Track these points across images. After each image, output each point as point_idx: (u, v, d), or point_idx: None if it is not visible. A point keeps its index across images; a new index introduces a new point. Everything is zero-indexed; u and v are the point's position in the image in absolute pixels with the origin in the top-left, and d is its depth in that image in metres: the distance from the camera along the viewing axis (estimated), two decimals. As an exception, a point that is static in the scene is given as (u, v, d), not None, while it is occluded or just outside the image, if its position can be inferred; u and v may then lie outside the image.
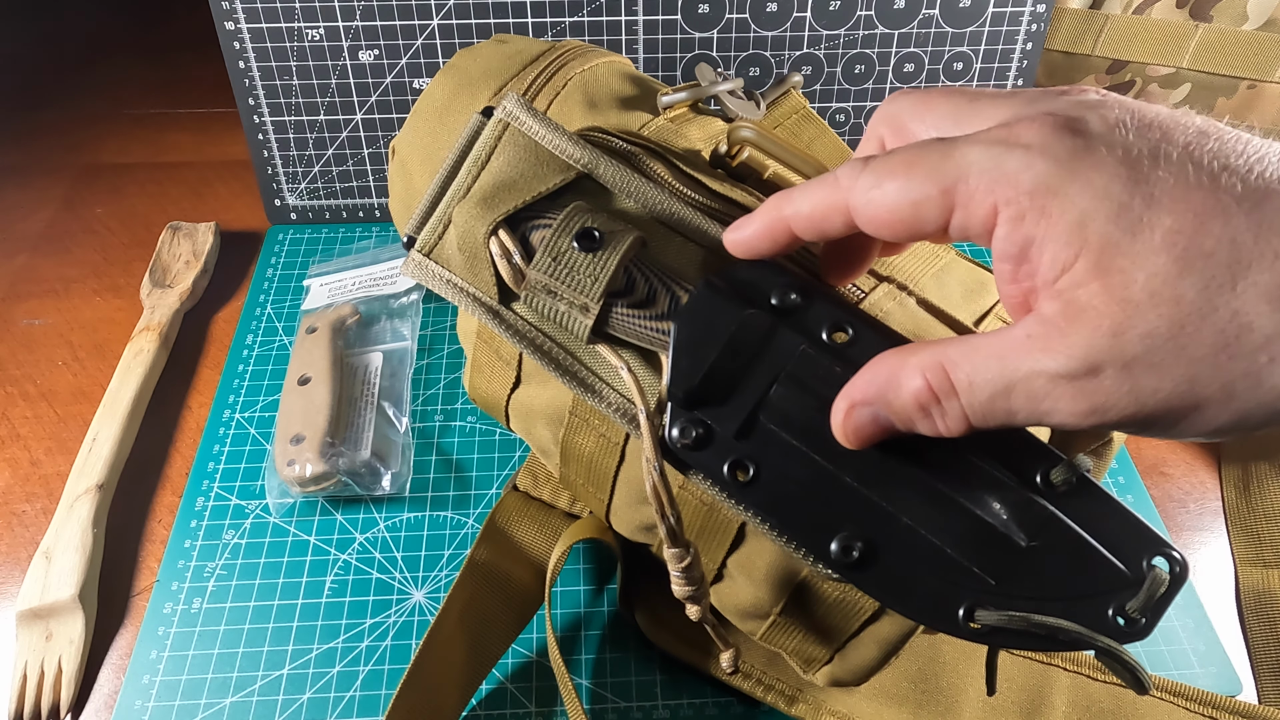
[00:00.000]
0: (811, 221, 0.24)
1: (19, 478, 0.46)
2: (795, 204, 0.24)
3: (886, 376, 0.22)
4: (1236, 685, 0.39)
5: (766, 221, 0.25)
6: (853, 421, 0.23)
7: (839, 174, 0.23)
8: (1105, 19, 0.59)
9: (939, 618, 0.24)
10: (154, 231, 0.59)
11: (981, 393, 0.20)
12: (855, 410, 0.23)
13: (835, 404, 0.24)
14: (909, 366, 0.22)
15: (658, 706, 0.38)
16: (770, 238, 0.25)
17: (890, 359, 0.23)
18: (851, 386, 0.23)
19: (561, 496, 0.41)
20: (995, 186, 0.20)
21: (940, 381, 0.21)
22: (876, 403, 0.23)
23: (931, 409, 0.21)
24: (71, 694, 0.38)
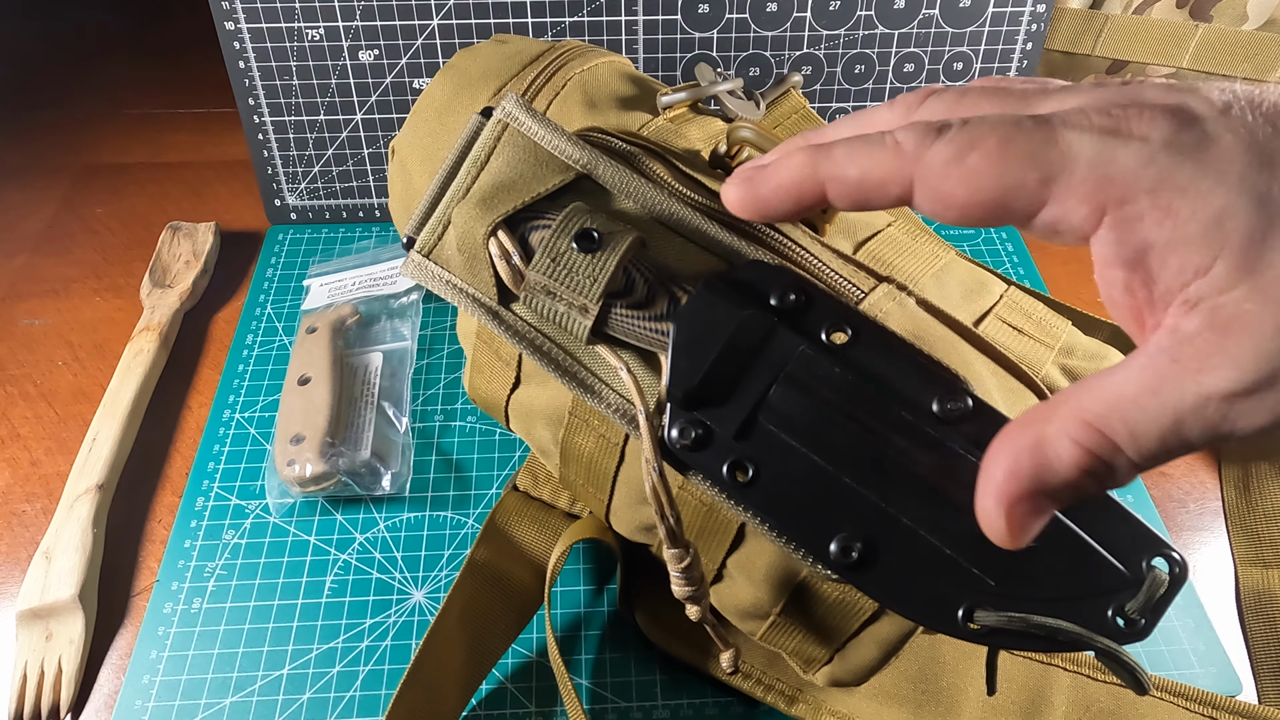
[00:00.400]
0: (859, 190, 0.21)
1: (19, 478, 0.46)
2: (839, 165, 0.21)
3: (1031, 459, 0.19)
4: (1236, 685, 0.39)
5: (794, 178, 0.21)
6: (1017, 520, 0.19)
7: (900, 138, 0.20)
8: (1105, 19, 0.59)
9: (938, 618, 0.24)
10: (154, 231, 0.59)
11: (1149, 438, 0.18)
12: (1015, 508, 0.19)
13: (983, 507, 0.20)
14: (1051, 439, 0.19)
15: (658, 706, 0.38)
16: (795, 199, 0.22)
17: (1017, 437, 0.19)
18: (994, 486, 0.19)
19: (561, 496, 0.41)
20: (1106, 185, 0.18)
21: (1097, 442, 0.18)
22: (1034, 491, 0.19)
23: (1098, 472, 0.18)
24: (71, 694, 0.38)
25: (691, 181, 0.32)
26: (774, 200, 0.22)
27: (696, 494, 0.30)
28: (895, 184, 0.20)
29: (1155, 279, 0.18)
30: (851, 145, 0.21)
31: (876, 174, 0.20)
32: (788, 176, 0.21)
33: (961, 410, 0.24)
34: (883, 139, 0.20)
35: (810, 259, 0.30)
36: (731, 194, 0.23)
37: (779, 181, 0.22)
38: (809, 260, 0.30)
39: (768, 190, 0.22)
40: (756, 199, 0.22)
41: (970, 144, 0.19)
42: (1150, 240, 0.18)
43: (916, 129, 0.20)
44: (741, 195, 0.23)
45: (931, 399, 0.25)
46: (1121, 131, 0.18)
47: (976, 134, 0.19)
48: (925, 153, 0.19)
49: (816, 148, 0.21)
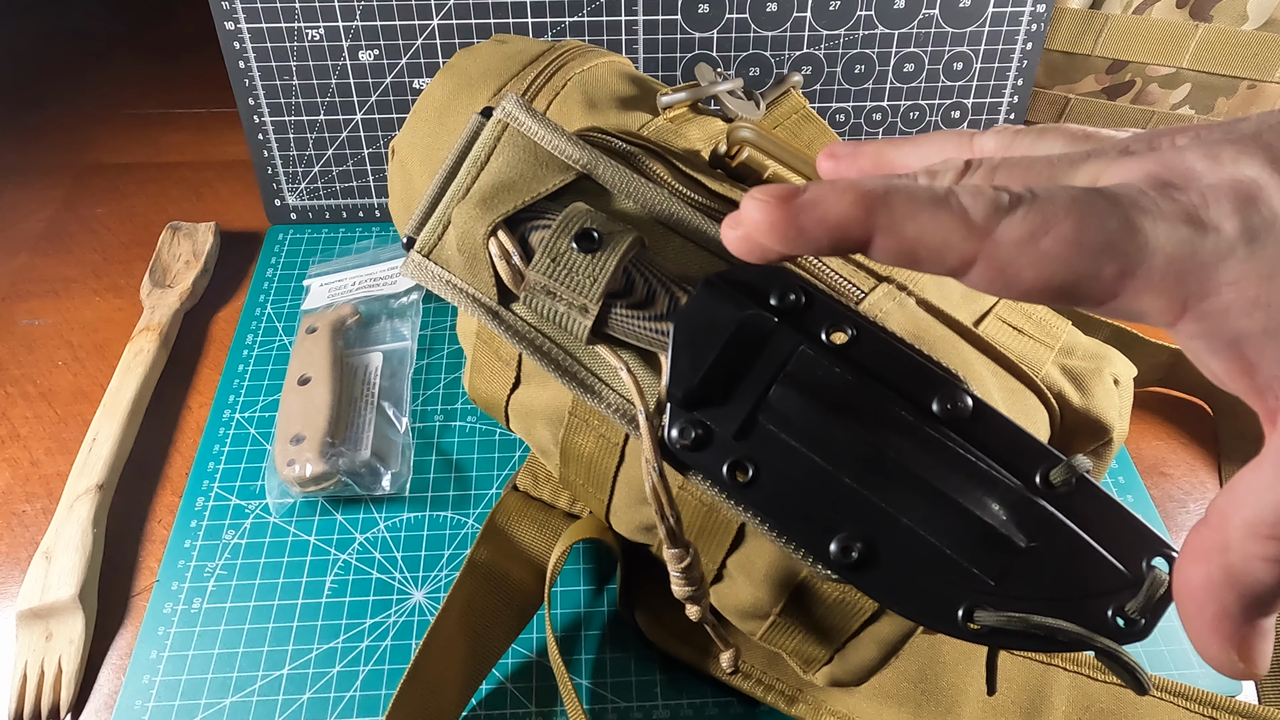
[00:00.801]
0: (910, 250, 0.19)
1: (19, 478, 0.46)
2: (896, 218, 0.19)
3: (1234, 593, 0.18)
4: (1236, 685, 0.39)
5: (842, 218, 0.19)
6: (1251, 650, 0.19)
7: (968, 205, 0.18)
8: (1105, 19, 0.59)
9: (938, 618, 0.24)
10: (154, 231, 0.59)
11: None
12: (1244, 642, 0.19)
13: (1212, 657, 0.19)
14: (1241, 566, 0.18)
15: (658, 706, 0.38)
16: (835, 240, 0.19)
17: (1206, 576, 0.19)
18: (1211, 632, 0.19)
19: (561, 496, 0.41)
20: (1186, 279, 0.17)
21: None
22: (1251, 618, 0.18)
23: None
24: (71, 694, 0.38)
25: (691, 181, 0.32)
26: (811, 234, 0.19)
27: (696, 494, 0.30)
28: (955, 254, 0.18)
29: (1257, 367, 0.17)
30: (914, 200, 0.19)
31: (936, 239, 0.18)
32: (835, 214, 0.19)
33: (961, 410, 0.24)
34: (948, 201, 0.18)
35: (810, 259, 0.30)
36: (759, 214, 0.20)
37: (823, 216, 0.19)
38: (809, 260, 0.30)
39: (809, 221, 0.19)
40: (792, 227, 0.19)
41: (1045, 225, 0.18)
42: (1242, 331, 0.17)
43: (985, 198, 0.18)
44: (775, 219, 0.19)
45: (931, 399, 0.25)
46: (1194, 220, 0.17)
47: (1051, 214, 0.18)
48: (995, 228, 0.18)
49: (873, 192, 0.19)
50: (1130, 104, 0.63)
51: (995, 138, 0.23)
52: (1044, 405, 0.30)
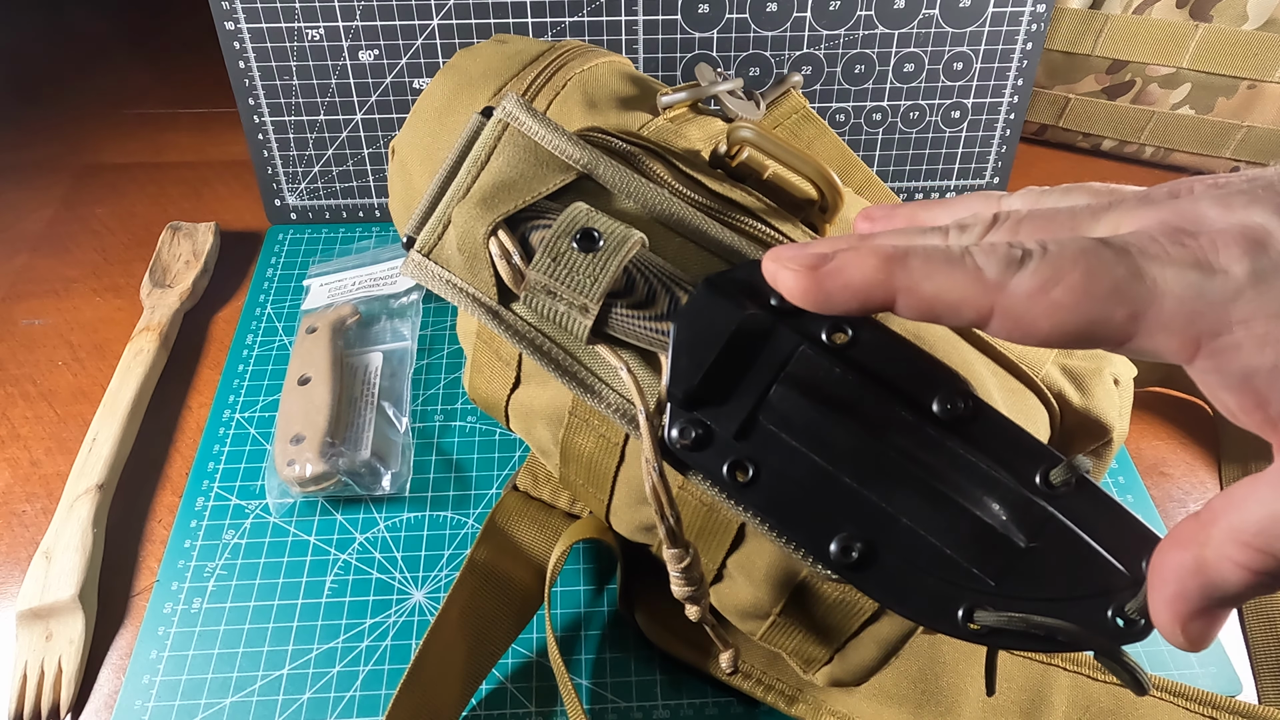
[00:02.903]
0: (931, 308, 0.20)
1: (19, 478, 0.46)
2: (914, 278, 0.20)
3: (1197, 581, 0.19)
4: (1236, 685, 0.39)
5: (865, 282, 0.21)
6: (1196, 633, 0.20)
7: (981, 263, 0.20)
8: (1105, 19, 0.59)
9: (938, 618, 0.24)
10: (154, 231, 0.59)
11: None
12: (1190, 624, 0.20)
13: (1161, 624, 0.20)
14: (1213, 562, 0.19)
15: (658, 706, 0.38)
16: (862, 302, 0.21)
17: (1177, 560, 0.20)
18: (1166, 606, 0.20)
19: (561, 496, 0.41)
20: (1197, 319, 0.18)
21: (1261, 562, 0.18)
22: (1205, 607, 0.19)
23: (1266, 581, 0.19)
24: (71, 694, 0.38)
25: (692, 181, 0.32)
26: (838, 298, 0.21)
27: (696, 494, 0.30)
28: (971, 309, 0.20)
29: (1268, 400, 0.18)
30: (930, 261, 0.20)
31: (953, 296, 0.20)
32: (859, 279, 0.21)
33: (961, 410, 0.24)
34: (963, 260, 0.20)
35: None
36: (790, 282, 0.22)
37: (847, 282, 0.21)
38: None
39: (834, 287, 0.21)
40: (820, 292, 0.21)
41: (1054, 277, 0.19)
42: (1254, 367, 0.18)
43: (997, 255, 0.19)
44: (804, 287, 0.21)
45: (931, 399, 0.25)
46: (1202, 264, 0.18)
47: (1059, 266, 0.19)
48: (1008, 282, 0.19)
49: (892, 255, 0.20)
50: (1130, 104, 0.63)
51: (1022, 198, 0.24)
52: (1044, 405, 0.30)
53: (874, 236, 0.22)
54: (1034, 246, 0.19)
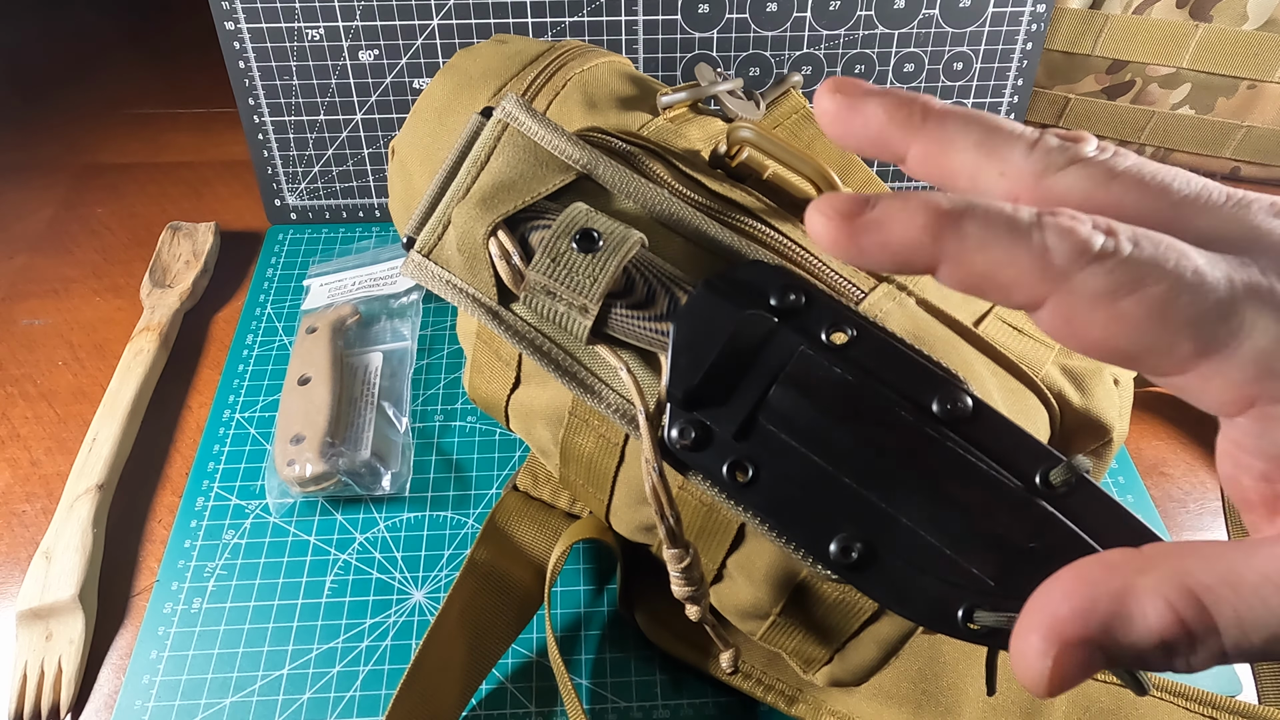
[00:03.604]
0: (977, 282, 0.17)
1: (19, 478, 0.46)
2: (967, 247, 0.17)
3: (1110, 603, 0.16)
4: (1236, 685, 0.39)
5: (908, 242, 0.17)
6: (1062, 668, 0.16)
7: (1050, 244, 0.16)
8: (1105, 19, 0.59)
9: (938, 619, 0.24)
10: (154, 231, 0.59)
11: (1256, 633, 0.15)
12: (1067, 653, 0.16)
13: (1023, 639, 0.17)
14: (1140, 591, 0.16)
15: (658, 706, 0.38)
16: (898, 263, 0.18)
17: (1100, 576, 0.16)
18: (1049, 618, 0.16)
19: (561, 496, 0.41)
20: (1266, 378, 0.16)
21: (1196, 615, 0.15)
22: (1098, 641, 0.16)
23: (1178, 648, 0.16)
24: (71, 694, 0.38)
25: (691, 182, 0.32)
26: (873, 255, 0.18)
27: (696, 494, 0.30)
28: (1023, 294, 0.17)
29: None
30: (990, 227, 0.17)
31: (1006, 275, 0.17)
32: (899, 237, 0.17)
33: (961, 410, 0.24)
34: (1029, 234, 0.17)
35: (810, 259, 0.30)
36: (822, 229, 0.18)
37: (887, 239, 0.18)
38: (809, 260, 0.30)
39: (869, 243, 0.18)
40: (853, 246, 0.18)
41: (1132, 286, 0.16)
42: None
43: (1073, 239, 0.16)
44: (836, 237, 0.18)
45: (931, 399, 0.25)
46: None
47: (1141, 271, 0.16)
48: (1074, 275, 0.16)
49: (946, 215, 0.17)
50: (1130, 104, 0.63)
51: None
52: (1044, 405, 0.30)
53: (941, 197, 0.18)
54: (1121, 238, 0.16)
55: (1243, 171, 0.64)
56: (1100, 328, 0.16)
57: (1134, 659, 0.16)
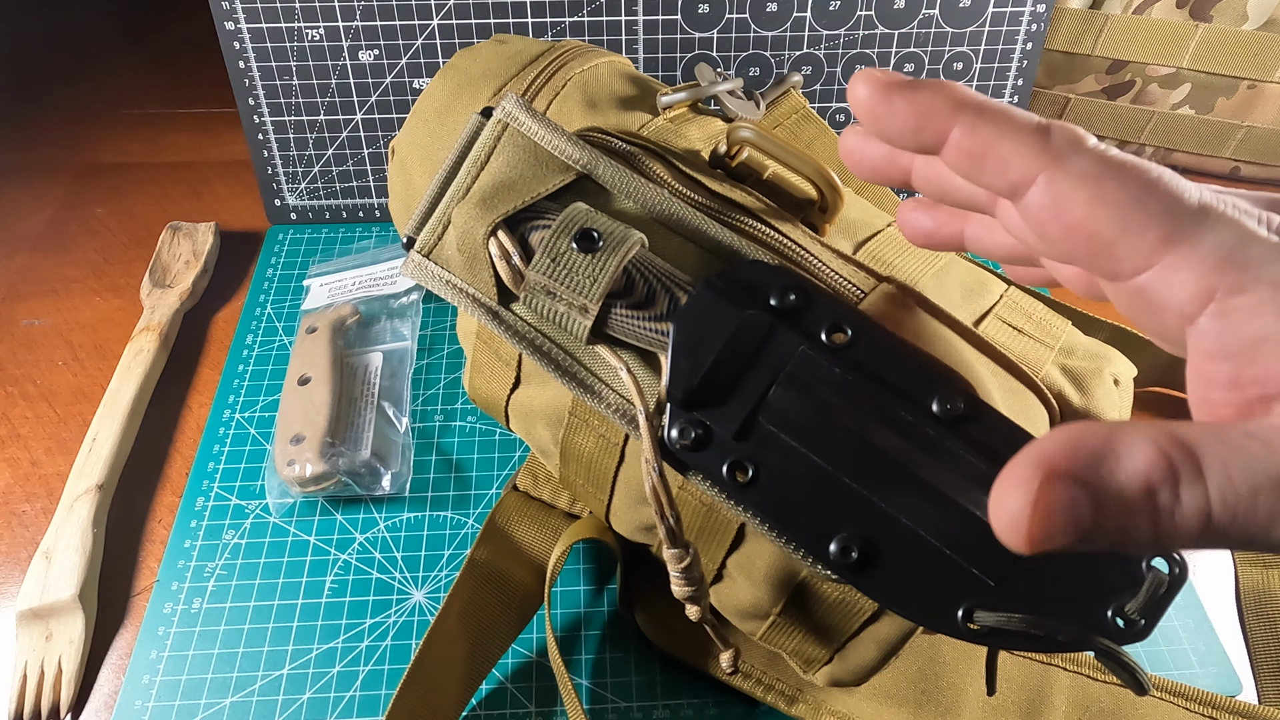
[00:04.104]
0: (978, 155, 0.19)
1: (19, 478, 0.46)
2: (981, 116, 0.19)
3: (1099, 442, 0.16)
4: (1236, 685, 0.39)
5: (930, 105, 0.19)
6: (1044, 505, 0.16)
7: (1054, 132, 0.18)
8: (1105, 19, 0.59)
9: (938, 619, 0.24)
10: (154, 231, 0.59)
11: (1242, 483, 0.15)
12: (1050, 488, 0.16)
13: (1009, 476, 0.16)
14: (1128, 433, 0.16)
15: (658, 706, 0.38)
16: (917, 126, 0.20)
17: (1092, 425, 0.17)
18: (1038, 451, 0.16)
19: (561, 496, 0.41)
20: (1226, 267, 0.17)
21: (1183, 456, 0.16)
22: (1084, 476, 0.16)
23: (1162, 492, 0.16)
24: (71, 694, 0.38)
25: (691, 182, 0.32)
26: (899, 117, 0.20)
27: (696, 494, 0.30)
28: (1017, 170, 0.18)
29: (1271, 374, 0.17)
30: (1003, 111, 0.19)
31: (1008, 147, 0.18)
32: (927, 102, 0.19)
33: (961, 410, 0.24)
34: (1036, 124, 0.18)
35: (810, 259, 0.30)
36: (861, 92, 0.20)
37: (913, 100, 0.19)
38: (809, 260, 0.30)
39: (900, 104, 0.20)
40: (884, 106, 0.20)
41: (1116, 172, 0.17)
42: (1268, 333, 0.16)
43: (1071, 132, 0.18)
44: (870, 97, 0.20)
45: (931, 399, 0.25)
46: (1261, 223, 0.17)
47: (1127, 165, 0.18)
48: (1067, 157, 0.18)
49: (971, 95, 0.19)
50: (1130, 104, 0.63)
51: None
52: (1044, 405, 0.30)
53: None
54: (1113, 148, 0.18)
55: (1243, 171, 0.64)
56: (1083, 206, 0.18)
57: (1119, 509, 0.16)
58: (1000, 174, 0.19)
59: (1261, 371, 0.17)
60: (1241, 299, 0.17)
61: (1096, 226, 0.18)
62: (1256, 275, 0.17)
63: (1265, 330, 0.16)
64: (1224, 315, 0.17)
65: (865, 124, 0.21)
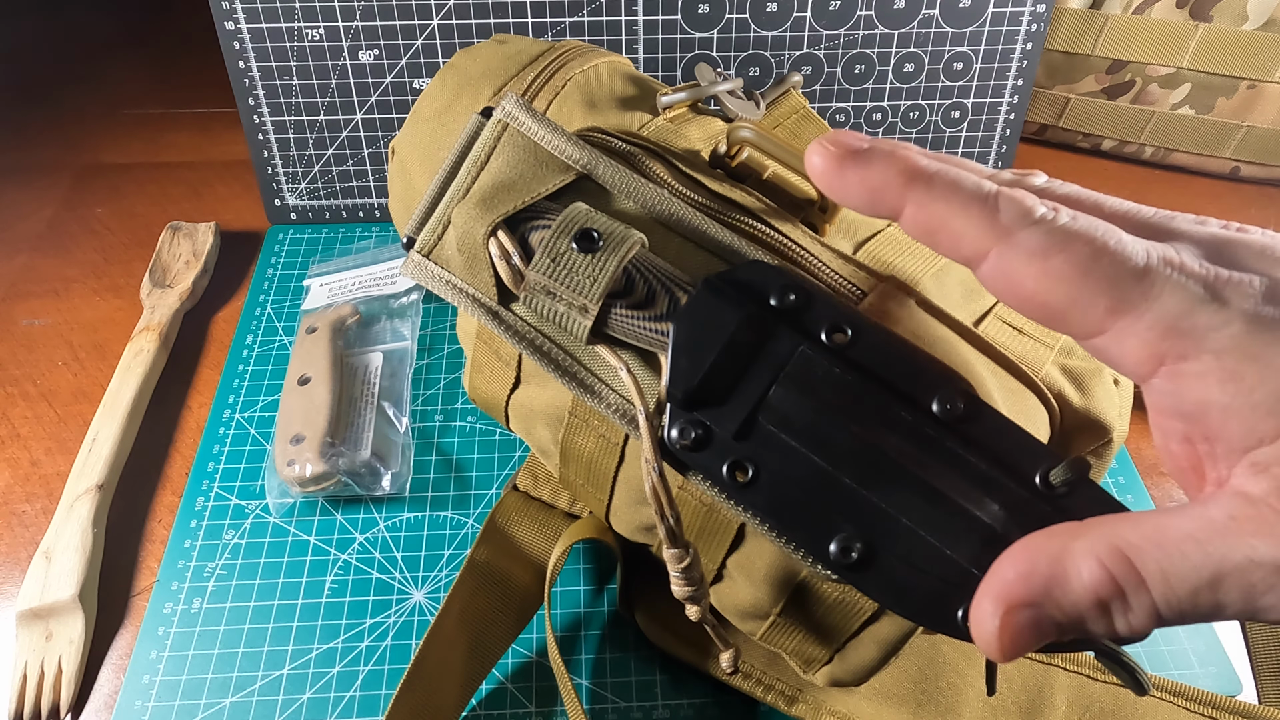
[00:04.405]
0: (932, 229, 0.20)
1: (19, 478, 0.46)
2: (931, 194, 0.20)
3: (1047, 568, 0.18)
4: (1236, 685, 0.39)
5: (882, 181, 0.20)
6: (1010, 629, 0.18)
7: (1002, 205, 0.19)
8: (1105, 19, 0.59)
9: (938, 618, 0.24)
10: (154, 231, 0.59)
11: (1181, 586, 0.17)
12: (1013, 615, 0.18)
13: (978, 605, 0.19)
14: (1075, 553, 0.18)
15: (658, 706, 0.38)
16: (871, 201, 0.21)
17: (1041, 543, 0.19)
18: (998, 583, 0.19)
19: (561, 496, 0.41)
20: (1171, 336, 0.17)
21: (1124, 571, 0.17)
22: (1040, 602, 0.18)
23: (1113, 605, 0.17)
24: (71, 694, 0.38)
25: (691, 181, 0.32)
26: (852, 190, 0.21)
27: (696, 494, 0.30)
28: (970, 244, 0.19)
29: (1217, 436, 0.17)
30: (956, 187, 0.20)
31: (959, 224, 0.19)
32: (878, 177, 0.20)
33: (961, 410, 0.24)
34: (985, 198, 0.19)
35: (810, 259, 0.30)
36: (816, 162, 0.21)
37: (866, 176, 0.21)
38: (809, 260, 0.30)
39: (853, 178, 0.21)
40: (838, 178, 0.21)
41: (1063, 244, 0.18)
42: (1212, 400, 0.17)
43: (1019, 204, 0.19)
44: (825, 168, 0.21)
45: (931, 399, 0.25)
46: (1211, 288, 0.18)
47: (1072, 236, 0.18)
48: (1017, 233, 0.19)
49: (922, 169, 0.20)
50: (1130, 104, 0.63)
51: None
52: (1044, 405, 0.30)
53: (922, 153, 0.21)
54: (1061, 212, 0.19)
55: (1242, 171, 0.64)
56: (1033, 280, 0.18)
57: (1076, 620, 0.18)
58: (954, 248, 0.20)
59: (1209, 432, 0.18)
60: (1188, 365, 0.17)
61: (1046, 299, 0.18)
62: (1199, 344, 0.17)
63: (1210, 396, 0.17)
64: (1174, 379, 0.18)
65: (824, 192, 0.22)
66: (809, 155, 0.22)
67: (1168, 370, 0.18)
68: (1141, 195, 0.63)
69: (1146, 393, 0.19)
